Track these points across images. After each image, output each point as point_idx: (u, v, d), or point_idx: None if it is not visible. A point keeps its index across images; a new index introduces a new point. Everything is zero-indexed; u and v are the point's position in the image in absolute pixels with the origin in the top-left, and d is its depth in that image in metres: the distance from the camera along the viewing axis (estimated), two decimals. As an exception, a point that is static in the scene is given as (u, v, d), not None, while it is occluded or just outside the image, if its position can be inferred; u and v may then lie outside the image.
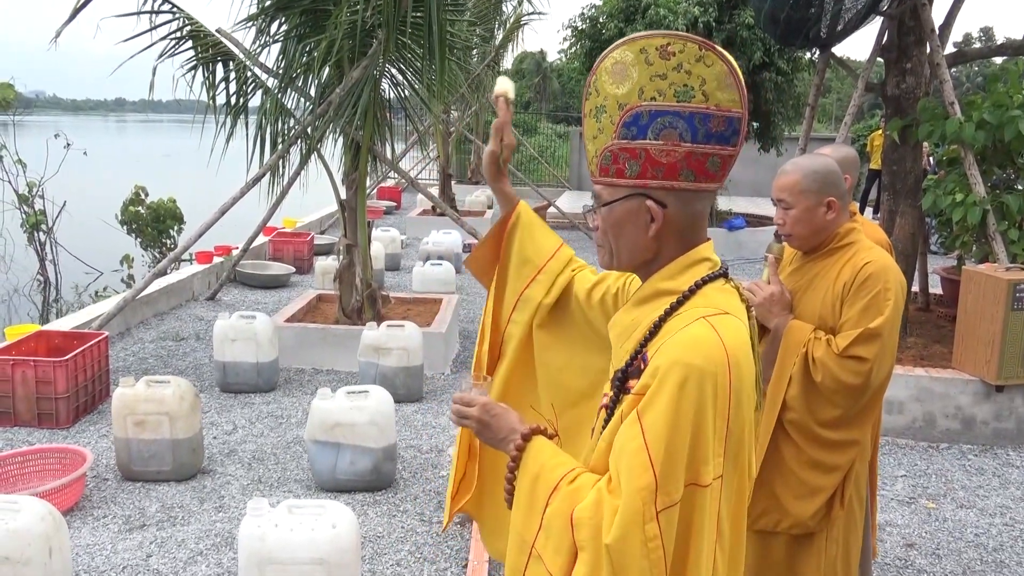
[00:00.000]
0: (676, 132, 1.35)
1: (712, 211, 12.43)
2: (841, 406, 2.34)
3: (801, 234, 2.44)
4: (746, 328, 1.37)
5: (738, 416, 1.30)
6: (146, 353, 6.34)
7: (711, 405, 1.27)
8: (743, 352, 1.32)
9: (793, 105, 11.75)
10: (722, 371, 1.28)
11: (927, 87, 6.09)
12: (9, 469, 4.05)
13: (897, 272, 2.37)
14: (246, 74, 6.34)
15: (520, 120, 26.48)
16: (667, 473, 1.25)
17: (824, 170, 2.39)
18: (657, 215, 1.38)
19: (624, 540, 1.25)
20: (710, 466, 1.28)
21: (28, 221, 10.67)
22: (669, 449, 1.25)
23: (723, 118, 1.35)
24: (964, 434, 5.09)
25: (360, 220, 6.37)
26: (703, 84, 1.34)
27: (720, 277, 1.40)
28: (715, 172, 1.38)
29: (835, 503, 2.41)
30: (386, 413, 4.20)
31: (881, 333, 2.30)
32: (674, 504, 1.26)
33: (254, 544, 2.82)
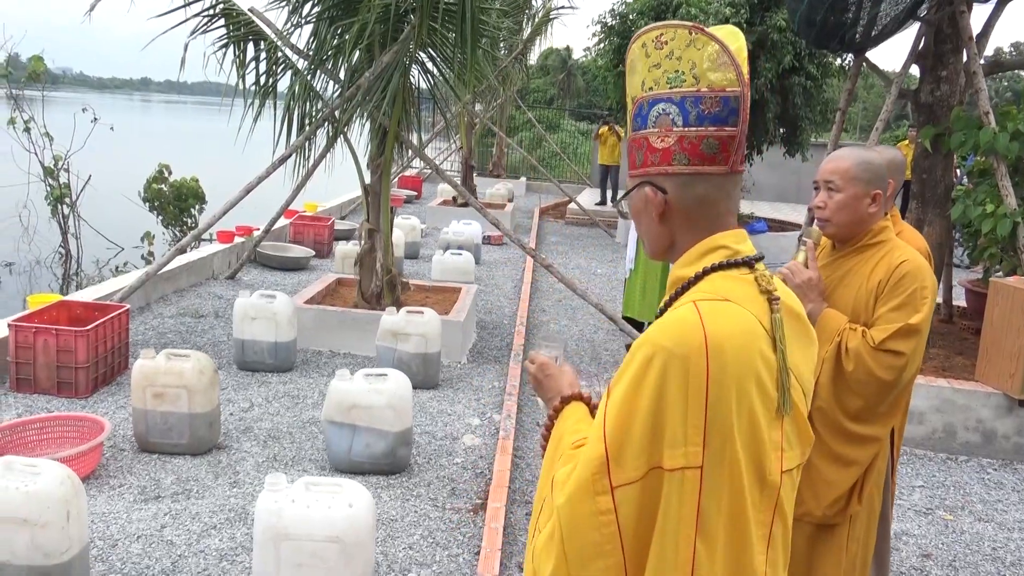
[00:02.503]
0: (669, 118, 1.37)
1: (734, 214, 12.36)
2: (867, 398, 2.34)
3: (841, 221, 2.42)
4: (751, 317, 1.30)
5: (721, 408, 1.25)
6: (165, 328, 6.37)
7: (678, 388, 1.24)
8: (734, 341, 1.26)
9: (821, 111, 11.65)
10: (695, 355, 1.24)
11: (961, 96, 6.02)
12: (28, 435, 4.08)
13: (931, 274, 2.37)
14: (276, 55, 6.34)
15: (543, 116, 26.42)
16: (619, 448, 1.26)
17: (877, 163, 2.41)
18: (656, 201, 1.39)
19: (571, 506, 1.29)
20: (678, 452, 1.25)
21: (52, 194, 10.75)
22: (623, 425, 1.26)
23: (716, 98, 1.34)
24: (984, 447, 5.03)
25: (384, 205, 6.37)
26: (693, 68, 1.35)
27: (740, 266, 1.37)
28: (713, 154, 1.36)
29: (852, 498, 2.40)
30: (404, 397, 4.19)
31: (920, 329, 2.31)
32: (631, 482, 1.26)
33: (270, 519, 2.82)
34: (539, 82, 39.17)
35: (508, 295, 8.56)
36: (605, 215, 14.57)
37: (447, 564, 3.40)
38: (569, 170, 21.01)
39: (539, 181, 19.05)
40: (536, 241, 11.96)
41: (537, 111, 25.97)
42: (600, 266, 10.72)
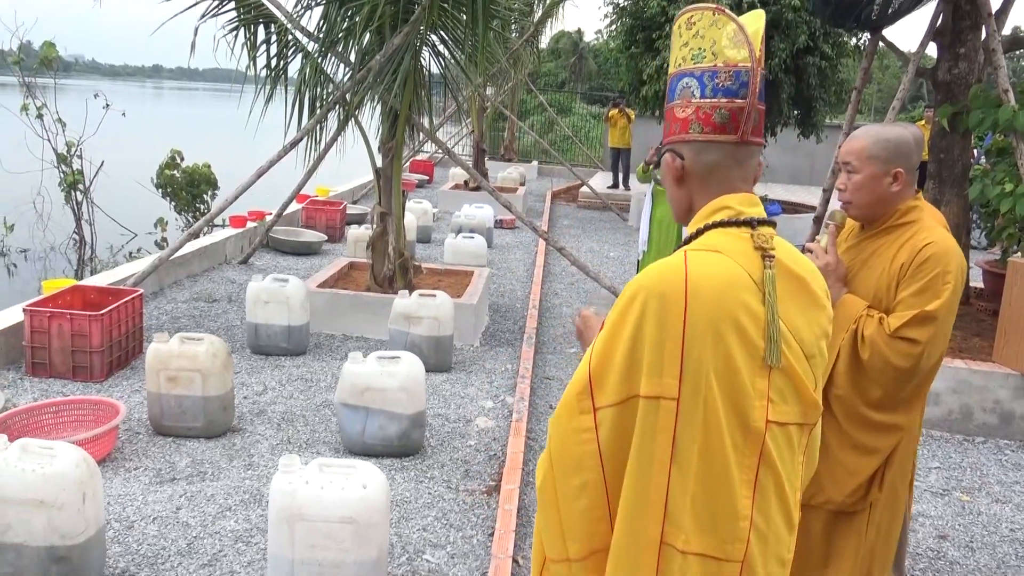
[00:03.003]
0: (689, 90, 1.51)
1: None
2: (885, 387, 2.27)
3: (861, 202, 2.35)
4: (738, 269, 1.41)
5: (695, 346, 1.36)
6: (179, 313, 6.39)
7: (656, 323, 1.38)
8: (713, 285, 1.37)
9: (835, 92, 11.51)
10: (673, 294, 1.37)
11: (980, 74, 5.93)
12: (44, 418, 4.10)
13: (959, 256, 2.27)
14: (287, 38, 6.32)
15: (554, 100, 26.29)
16: (602, 373, 1.43)
17: (896, 139, 2.31)
18: (674, 166, 1.54)
19: (559, 422, 1.47)
20: (654, 381, 1.38)
21: (66, 180, 10.79)
22: (606, 353, 1.42)
23: (729, 72, 1.47)
24: (1001, 429, 4.98)
25: (395, 189, 6.35)
26: (713, 45, 1.48)
27: (741, 225, 1.46)
28: (724, 124, 1.48)
29: (873, 487, 2.35)
30: (417, 380, 4.19)
31: (937, 317, 2.22)
32: (611, 405, 1.42)
33: (284, 500, 2.82)
34: (550, 65, 38.96)
35: (520, 278, 8.54)
36: (617, 198, 14.50)
37: (461, 545, 3.41)
38: (581, 154, 20.91)
39: (551, 165, 18.98)
40: (548, 224, 11.93)
41: (549, 94, 25.82)
42: (613, 249, 10.68)
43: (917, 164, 2.37)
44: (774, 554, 1.46)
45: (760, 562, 1.44)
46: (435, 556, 3.31)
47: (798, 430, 1.48)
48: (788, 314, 1.46)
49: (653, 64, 11.04)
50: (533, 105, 24.51)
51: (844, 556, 2.43)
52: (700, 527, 1.41)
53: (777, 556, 1.47)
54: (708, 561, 1.41)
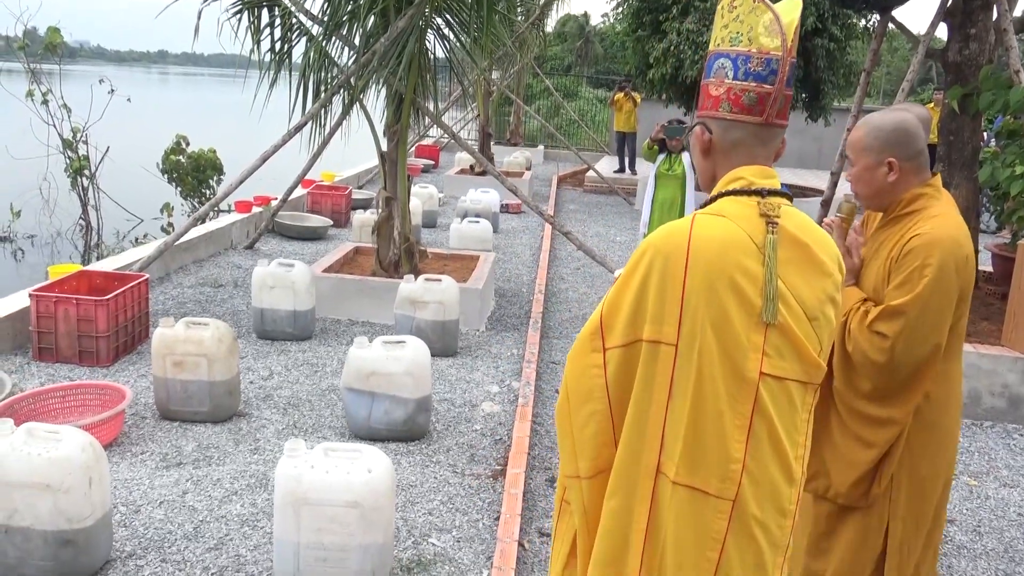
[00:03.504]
0: (724, 71, 1.63)
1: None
2: (872, 379, 2.26)
3: (863, 194, 2.36)
4: (740, 232, 1.54)
5: (693, 299, 1.53)
6: (185, 298, 6.39)
7: (659, 277, 1.55)
8: (713, 246, 1.53)
9: (844, 74, 11.41)
10: (676, 252, 1.54)
11: (991, 54, 5.86)
12: (51, 403, 4.11)
13: (948, 246, 2.18)
14: (291, 21, 6.28)
15: (561, 84, 26.15)
16: (612, 318, 1.62)
17: (890, 127, 2.25)
18: (703, 139, 1.68)
19: (574, 357, 1.68)
20: (655, 327, 1.56)
21: (72, 166, 10.78)
22: (616, 301, 1.62)
23: (761, 59, 1.59)
24: (1010, 412, 4.96)
25: (400, 173, 6.33)
26: (751, 31, 1.60)
27: (751, 194, 1.59)
28: (751, 106, 1.61)
29: (874, 482, 2.32)
30: (422, 364, 4.18)
31: (904, 312, 2.18)
32: (618, 347, 1.61)
33: (290, 484, 2.82)
34: (556, 49, 38.76)
35: (527, 263, 8.52)
36: (624, 182, 14.44)
37: (467, 529, 3.41)
38: (587, 138, 20.82)
39: (557, 149, 18.90)
40: (554, 209, 11.89)
41: (555, 78, 25.70)
42: (619, 233, 10.64)
43: (918, 150, 2.29)
44: (771, 502, 1.57)
45: (754, 505, 1.55)
46: (441, 540, 3.31)
47: (800, 388, 1.59)
48: (789, 277, 1.57)
49: (660, 47, 10.96)
50: (539, 89, 24.40)
51: (847, 551, 2.42)
52: (690, 462, 1.56)
53: (775, 505, 1.58)
54: (696, 494, 1.56)
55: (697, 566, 1.57)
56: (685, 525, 1.57)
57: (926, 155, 2.32)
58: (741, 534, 1.57)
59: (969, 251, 2.23)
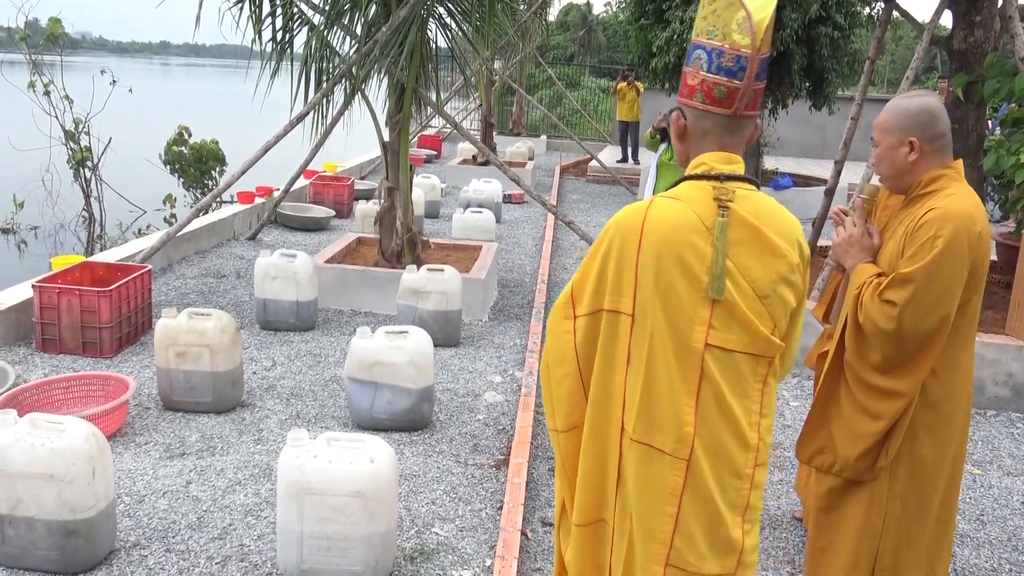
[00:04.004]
0: (700, 62, 1.74)
1: (758, 170, 12.15)
2: (881, 350, 2.33)
3: (884, 174, 2.43)
4: (691, 214, 1.69)
5: (645, 273, 1.69)
6: (188, 289, 6.39)
7: (617, 253, 1.73)
8: (664, 226, 1.69)
9: (848, 63, 11.32)
10: (632, 230, 1.71)
11: (996, 42, 5.82)
12: (54, 394, 4.12)
13: (961, 220, 2.24)
14: (292, 10, 6.25)
15: (563, 73, 26.07)
16: (579, 288, 1.83)
17: (914, 109, 2.33)
18: (678, 124, 1.81)
19: (551, 322, 1.90)
20: (614, 298, 1.75)
21: (74, 157, 10.77)
22: (583, 275, 1.82)
23: (733, 55, 1.69)
24: (1014, 402, 4.95)
25: (403, 163, 6.31)
26: (725, 26, 1.69)
27: (710, 179, 1.73)
28: (722, 99, 1.72)
29: (881, 454, 2.38)
30: (425, 354, 4.18)
31: (913, 279, 2.24)
32: (585, 314, 1.81)
33: (293, 474, 2.82)
34: (559, 39, 38.63)
35: (529, 253, 8.51)
36: (626, 172, 14.40)
37: (470, 519, 3.41)
38: (590, 127, 20.76)
39: (560, 139, 18.86)
40: (557, 199, 11.87)
41: (557, 68, 25.63)
42: (622, 224, 10.60)
43: (940, 132, 2.35)
44: (725, 465, 1.71)
45: (707, 467, 1.70)
46: (444, 530, 3.32)
47: (751, 360, 1.72)
48: (740, 257, 1.70)
49: (663, 36, 10.89)
50: (542, 79, 24.32)
51: (850, 527, 2.46)
52: (647, 422, 1.73)
53: (730, 468, 1.72)
54: (654, 451, 1.73)
55: (658, 519, 1.73)
56: (644, 480, 1.74)
57: (949, 139, 2.38)
58: (696, 492, 1.71)
59: (983, 228, 2.28)
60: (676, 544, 1.72)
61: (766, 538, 3.42)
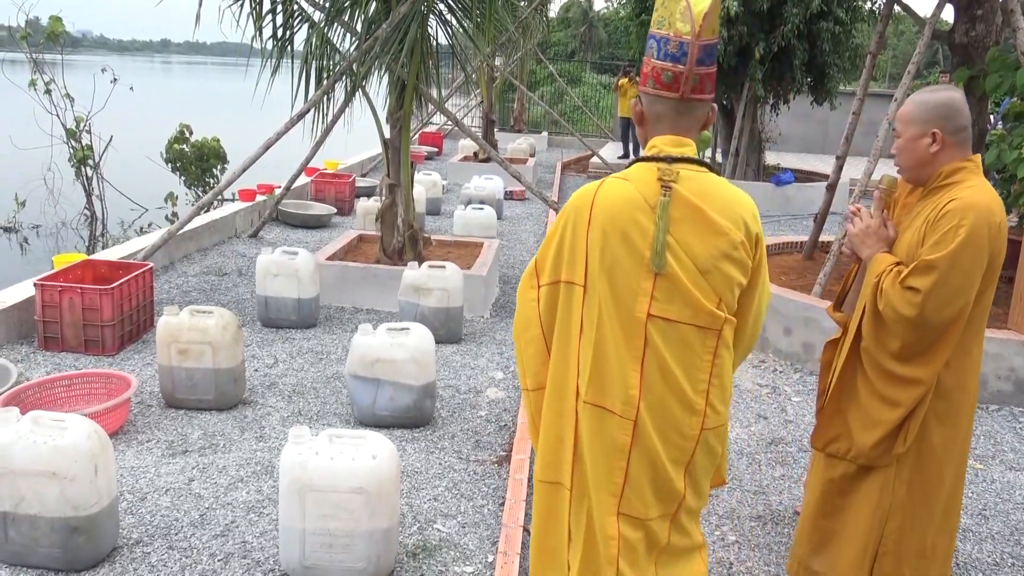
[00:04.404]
0: (652, 50, 1.89)
1: (760, 165, 12.14)
2: (901, 337, 2.35)
3: (904, 165, 2.45)
4: (636, 193, 1.86)
5: (594, 247, 1.88)
6: (189, 287, 6.40)
7: (571, 229, 1.94)
8: (611, 204, 1.87)
9: (850, 57, 11.32)
10: (583, 208, 1.91)
11: (998, 36, 5.81)
12: (57, 392, 4.12)
13: (983, 210, 2.28)
14: (292, 7, 6.24)
15: (564, 70, 26.04)
16: (541, 260, 2.04)
17: (936, 101, 2.36)
18: (636, 110, 1.98)
19: (520, 291, 2.11)
20: (569, 270, 1.94)
21: (76, 156, 10.77)
22: (544, 249, 2.03)
23: (676, 42, 1.83)
24: (1016, 396, 4.94)
25: (404, 160, 6.31)
26: (671, 16, 1.84)
27: (658, 160, 1.88)
28: (669, 84, 1.87)
29: (897, 440, 2.41)
30: (426, 351, 4.18)
31: (936, 266, 2.26)
32: (546, 284, 2.01)
33: (295, 471, 2.82)
34: (560, 35, 38.58)
35: (531, 249, 8.50)
36: (628, 169, 14.36)
37: (472, 515, 3.41)
38: (591, 124, 20.74)
39: (561, 136, 18.84)
40: (559, 195, 11.86)
41: (558, 64, 25.58)
42: (623, 220, 10.59)
43: (962, 125, 2.38)
44: (671, 427, 1.90)
45: (652, 427, 1.88)
46: (446, 526, 3.32)
47: (697, 331, 1.87)
48: (682, 234, 1.84)
49: (664, 31, 10.88)
50: (543, 75, 24.29)
51: (862, 509, 2.52)
52: (598, 386, 1.91)
53: (676, 430, 1.90)
54: (604, 412, 1.91)
55: (609, 473, 1.92)
56: (596, 438, 1.92)
57: (970, 133, 2.41)
58: (643, 449, 1.90)
59: (1002, 219, 2.32)
60: (626, 494, 1.92)
61: (768, 533, 3.43)
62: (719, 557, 3.24)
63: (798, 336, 5.42)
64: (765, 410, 4.71)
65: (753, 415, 4.64)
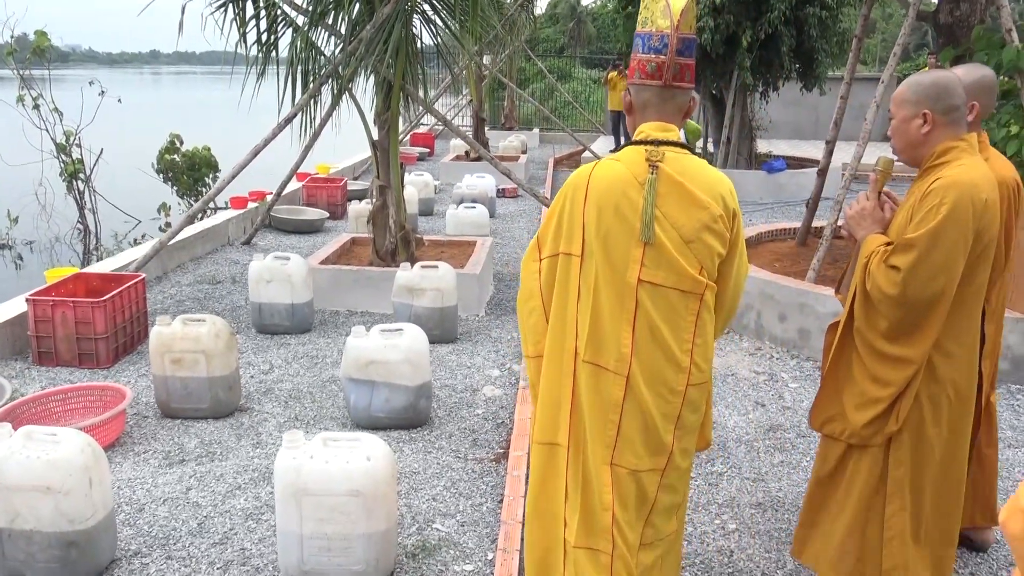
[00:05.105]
0: (638, 47, 2.11)
1: (751, 153, 12.13)
2: (888, 316, 2.37)
3: (898, 147, 2.47)
4: (626, 171, 2.07)
5: (590, 221, 2.08)
6: (183, 296, 6.39)
7: (570, 205, 2.14)
8: (604, 181, 2.08)
9: (838, 42, 11.30)
10: (580, 186, 2.12)
11: (982, 15, 5.80)
12: (52, 406, 4.11)
13: (967, 188, 2.27)
14: (276, 12, 6.23)
15: (554, 65, 26.01)
16: (542, 236, 2.24)
17: (929, 82, 2.37)
18: (626, 100, 2.19)
19: (524, 264, 2.31)
20: (568, 243, 2.15)
21: (67, 170, 10.75)
22: (546, 224, 2.23)
23: (658, 36, 2.06)
24: (1013, 374, 4.94)
25: (393, 161, 6.29)
26: (652, 15, 2.07)
27: (647, 144, 2.09)
28: (653, 73, 2.09)
29: (889, 420, 2.42)
30: (420, 351, 4.17)
31: (915, 244, 2.27)
32: (547, 257, 2.22)
33: (289, 476, 2.81)
34: (549, 31, 38.52)
35: (524, 246, 8.49)
36: (620, 162, 14.33)
37: (471, 513, 3.41)
38: (582, 119, 20.72)
39: (552, 132, 18.82)
40: (551, 192, 11.85)
41: (548, 61, 25.57)
42: (617, 213, 10.58)
43: (954, 105, 2.38)
44: (660, 383, 2.09)
45: (643, 382, 2.08)
46: (445, 525, 3.32)
47: (681, 295, 2.07)
48: (668, 208, 2.05)
49: (650, 23, 10.86)
50: (533, 72, 24.26)
51: (852, 490, 2.54)
52: (594, 346, 2.11)
53: (664, 386, 2.10)
54: (600, 369, 2.11)
55: (604, 426, 2.11)
56: (592, 393, 2.12)
57: (963, 112, 2.41)
58: (634, 403, 2.09)
59: (991, 196, 2.30)
60: (619, 446, 2.11)
61: (768, 520, 3.42)
62: (719, 546, 3.23)
63: (793, 322, 5.41)
64: (763, 397, 4.71)
65: (751, 402, 4.63)
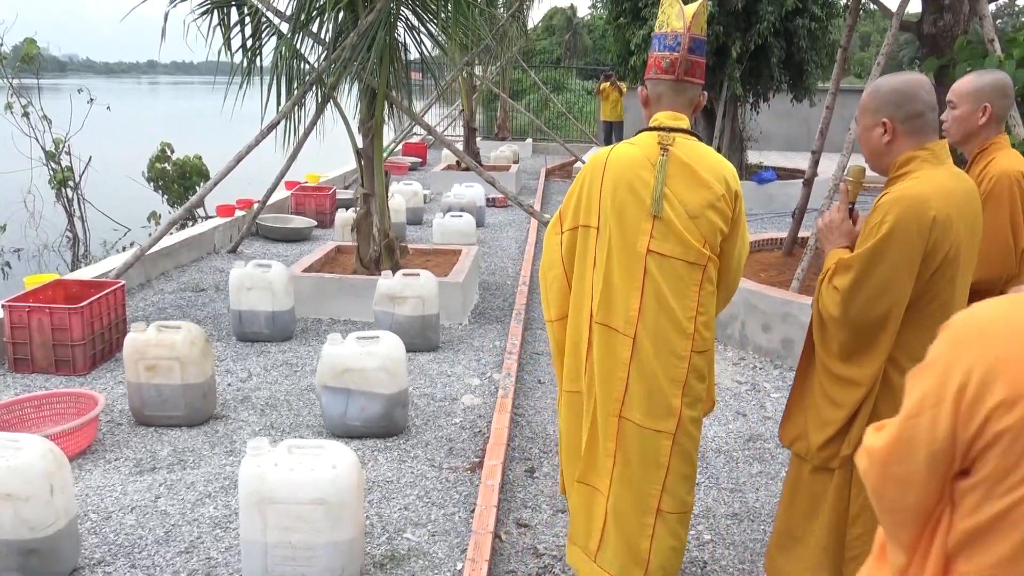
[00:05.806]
0: (654, 47, 2.37)
1: (742, 164, 12.13)
2: (835, 336, 2.30)
3: (865, 155, 2.35)
4: (639, 153, 2.34)
5: (606, 197, 2.36)
6: (165, 303, 6.35)
7: (588, 184, 2.43)
8: (620, 162, 2.36)
9: (827, 53, 11.33)
10: (598, 166, 2.40)
11: (966, 25, 5.81)
12: (25, 413, 4.07)
13: (913, 204, 2.13)
14: (260, 19, 6.21)
15: (549, 77, 26.06)
16: (564, 210, 2.53)
17: (888, 88, 2.22)
18: (643, 93, 2.46)
19: (546, 239, 2.63)
20: (586, 217, 2.43)
21: (56, 178, 10.71)
22: (567, 201, 2.52)
23: (672, 36, 2.34)
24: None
25: (377, 169, 6.27)
26: (668, 18, 2.35)
27: (659, 130, 2.36)
28: (667, 68, 2.36)
29: (843, 443, 2.33)
30: (397, 359, 4.13)
31: (852, 265, 2.19)
32: (568, 230, 2.51)
33: (253, 484, 2.78)
34: (545, 43, 38.61)
35: (512, 256, 8.47)
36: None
37: (442, 523, 3.37)
38: (575, 129, 20.74)
39: (545, 142, 18.83)
40: (542, 202, 11.83)
41: (544, 72, 25.61)
42: (607, 223, 10.56)
43: (915, 112, 2.21)
44: (664, 346, 2.33)
45: (647, 343, 2.33)
46: (415, 535, 3.27)
47: (686, 266, 2.30)
48: (676, 187, 2.30)
49: (640, 34, 10.89)
50: (528, 83, 24.28)
51: (822, 510, 2.47)
52: (606, 309, 2.38)
53: (669, 349, 2.33)
54: (610, 330, 2.37)
55: (613, 382, 2.37)
56: (603, 352, 2.38)
57: (928, 119, 2.23)
58: (640, 364, 2.34)
59: (940, 213, 2.13)
60: (627, 401, 2.36)
61: (744, 530, 3.39)
62: (693, 557, 3.20)
63: (777, 332, 5.39)
64: (744, 407, 4.68)
65: (732, 412, 4.60)
